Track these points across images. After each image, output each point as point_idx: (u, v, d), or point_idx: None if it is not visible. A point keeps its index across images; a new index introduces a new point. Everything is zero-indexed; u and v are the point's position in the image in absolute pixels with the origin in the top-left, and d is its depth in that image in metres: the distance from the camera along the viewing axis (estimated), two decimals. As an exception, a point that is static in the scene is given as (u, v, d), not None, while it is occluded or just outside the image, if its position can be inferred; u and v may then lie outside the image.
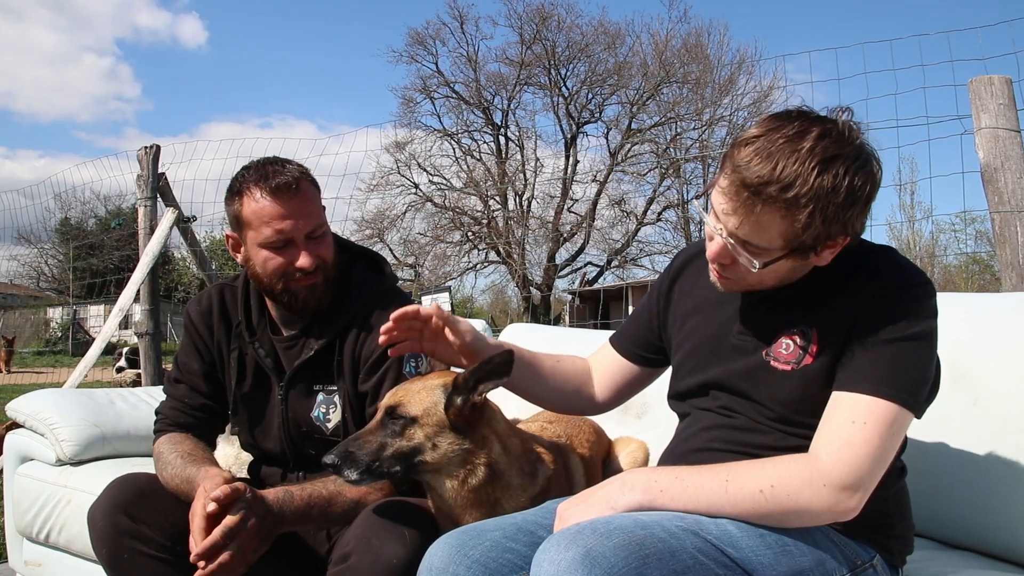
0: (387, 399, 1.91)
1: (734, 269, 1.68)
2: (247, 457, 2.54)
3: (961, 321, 2.24)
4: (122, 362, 9.04)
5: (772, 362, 1.70)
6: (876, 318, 1.59)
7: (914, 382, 1.57)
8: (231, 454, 3.17)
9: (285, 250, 2.17)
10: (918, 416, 1.60)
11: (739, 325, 1.80)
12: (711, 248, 1.68)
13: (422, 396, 1.87)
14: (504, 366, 1.85)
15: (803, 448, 1.60)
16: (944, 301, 2.28)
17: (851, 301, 1.63)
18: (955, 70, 4.25)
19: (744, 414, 1.75)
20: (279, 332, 2.33)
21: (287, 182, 2.15)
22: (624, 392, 2.16)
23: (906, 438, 1.73)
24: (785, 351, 1.69)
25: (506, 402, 2.17)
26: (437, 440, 1.83)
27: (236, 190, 2.20)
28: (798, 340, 1.68)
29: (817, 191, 1.49)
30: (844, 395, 1.57)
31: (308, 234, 2.18)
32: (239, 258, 2.28)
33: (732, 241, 1.61)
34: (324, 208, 2.28)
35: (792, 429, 1.68)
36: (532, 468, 1.95)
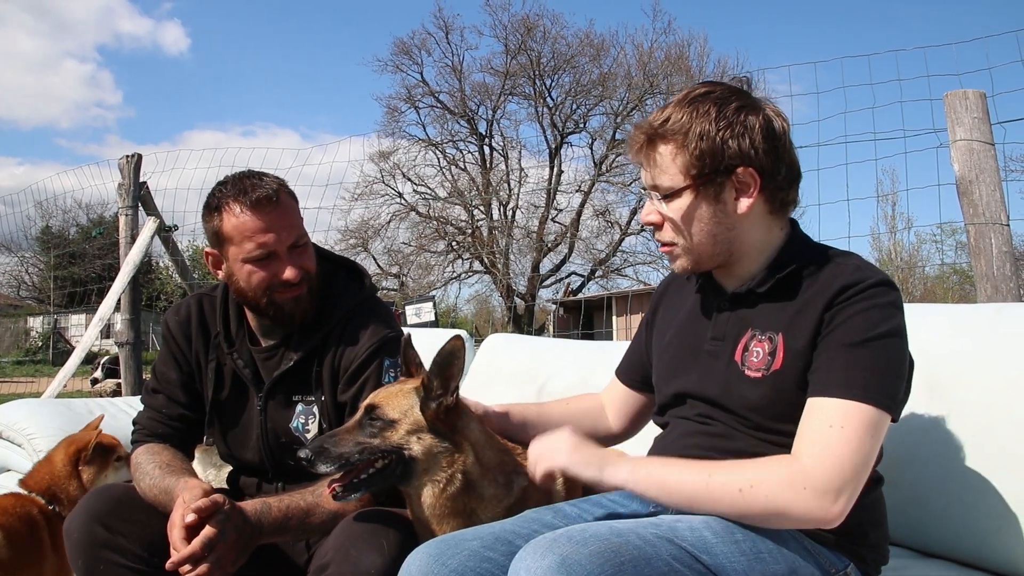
0: (368, 400, 1.92)
1: (666, 232, 1.78)
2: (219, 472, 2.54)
3: (936, 332, 2.27)
4: (98, 373, 8.79)
5: (745, 370, 1.73)
6: (842, 321, 1.62)
7: (888, 382, 1.59)
8: (210, 474, 3.15)
9: (268, 263, 2.16)
10: (895, 417, 1.62)
11: (711, 331, 1.83)
12: (643, 215, 1.83)
13: (400, 399, 1.89)
14: (449, 358, 1.86)
15: (778, 453, 1.62)
16: (919, 312, 2.33)
17: (814, 305, 1.66)
18: (931, 84, 4.32)
19: (721, 422, 1.77)
20: (258, 343, 2.32)
21: (267, 195, 2.14)
22: (638, 419, 2.22)
23: (881, 449, 1.75)
24: (756, 358, 1.72)
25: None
26: (420, 435, 1.85)
27: (214, 206, 2.18)
28: (766, 347, 1.71)
29: (692, 119, 1.69)
30: (819, 400, 1.59)
31: (290, 246, 2.18)
32: (220, 275, 2.27)
33: (652, 193, 1.76)
34: (302, 218, 2.28)
35: (768, 436, 1.70)
36: (507, 479, 1.95)
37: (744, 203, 1.71)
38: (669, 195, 1.73)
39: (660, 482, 1.59)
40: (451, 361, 1.87)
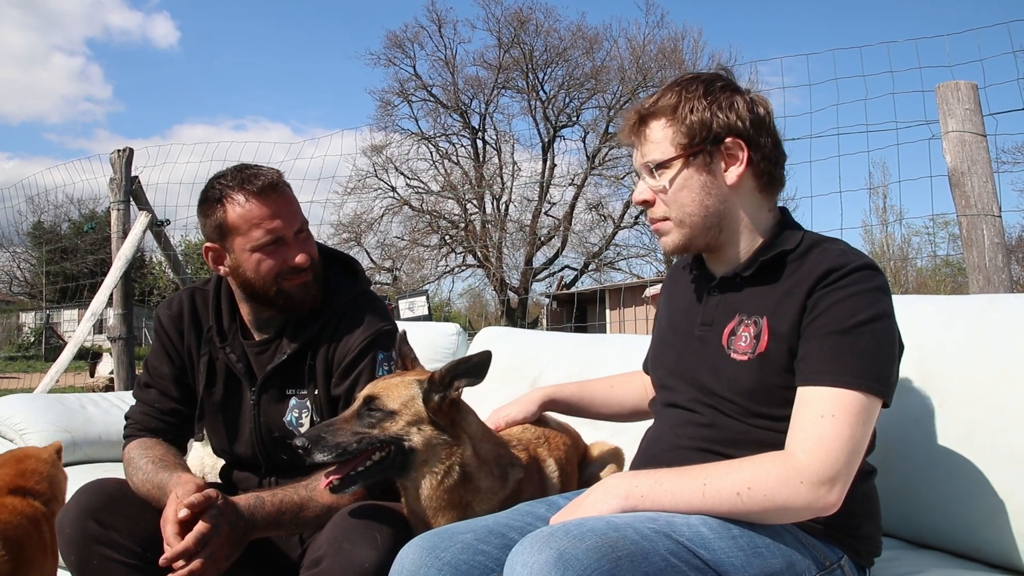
0: (366, 390, 1.91)
1: (658, 208, 1.82)
2: (216, 462, 2.53)
3: (928, 323, 2.27)
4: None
5: (732, 354, 1.75)
6: (827, 307, 1.63)
7: (877, 367, 1.59)
8: (207, 463, 3.14)
9: (277, 250, 2.17)
10: (887, 401, 1.62)
11: (701, 317, 1.86)
12: (635, 194, 1.89)
13: (400, 390, 1.88)
14: (481, 366, 1.89)
15: (768, 439, 1.64)
16: (912, 303, 2.33)
17: (798, 289, 1.68)
18: (923, 76, 4.33)
19: (711, 406, 1.78)
20: (251, 337, 2.32)
21: (271, 182, 2.16)
22: None
23: (874, 440, 1.76)
24: (743, 343, 1.74)
25: (482, 405, 2.17)
26: (421, 427, 1.84)
27: (216, 198, 2.17)
28: (752, 331, 1.73)
29: (681, 97, 1.77)
30: (809, 390, 1.60)
31: (296, 231, 2.19)
32: (222, 270, 2.25)
33: (643, 171, 1.82)
34: None
35: (755, 421, 1.71)
36: (502, 471, 1.95)
37: (734, 173, 1.76)
38: (660, 166, 1.79)
39: (655, 502, 1.58)
40: (481, 370, 1.90)
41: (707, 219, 1.79)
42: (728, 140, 1.75)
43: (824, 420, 1.55)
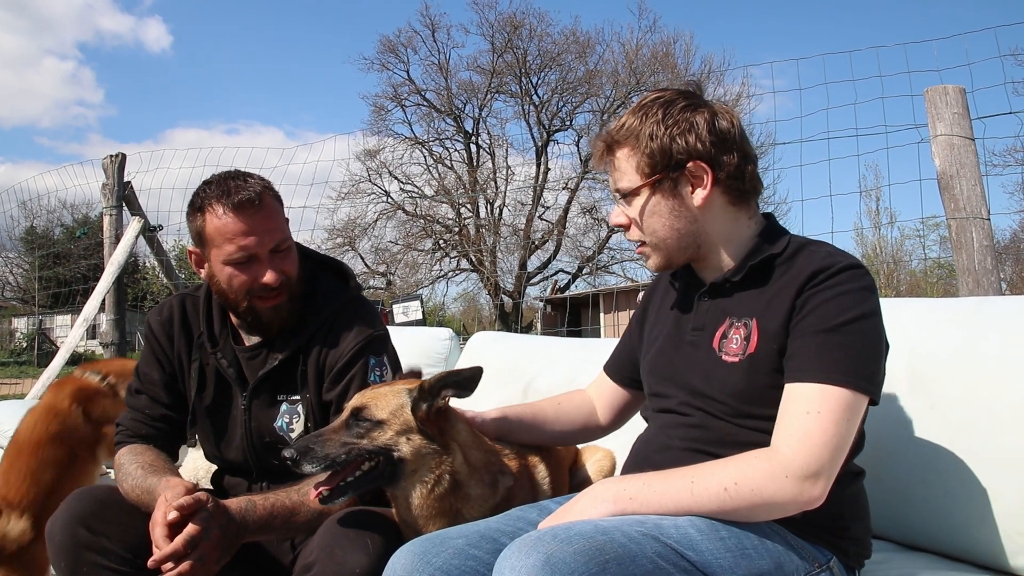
0: (354, 400, 1.90)
1: (634, 232, 1.88)
2: (210, 467, 2.52)
3: (918, 325, 2.28)
4: None
5: (724, 356, 1.76)
6: (815, 307, 1.65)
7: (863, 365, 1.61)
8: (201, 468, 3.14)
9: (249, 266, 2.15)
10: (875, 398, 1.64)
11: (692, 322, 1.88)
12: (612, 218, 1.94)
13: (388, 400, 1.88)
14: (470, 381, 1.91)
15: (757, 440, 1.65)
16: (901, 305, 2.34)
17: (786, 290, 1.70)
18: (912, 80, 4.35)
19: (701, 409, 1.79)
20: (242, 342, 2.31)
21: (250, 198, 2.13)
22: (624, 414, 2.27)
23: (862, 441, 1.77)
24: (734, 345, 1.76)
25: (476, 407, 2.18)
26: (410, 436, 1.84)
27: (198, 206, 2.17)
28: (743, 332, 1.75)
29: (642, 123, 1.79)
30: (796, 386, 1.62)
31: (272, 249, 2.17)
32: (202, 274, 2.26)
33: (618, 197, 1.87)
34: (287, 221, 2.27)
35: (744, 422, 1.73)
36: (493, 479, 1.95)
37: (700, 195, 1.78)
38: (629, 195, 1.84)
39: (644, 502, 1.59)
40: (470, 384, 1.92)
41: (681, 240, 1.83)
42: (690, 164, 1.77)
43: (809, 416, 1.56)
